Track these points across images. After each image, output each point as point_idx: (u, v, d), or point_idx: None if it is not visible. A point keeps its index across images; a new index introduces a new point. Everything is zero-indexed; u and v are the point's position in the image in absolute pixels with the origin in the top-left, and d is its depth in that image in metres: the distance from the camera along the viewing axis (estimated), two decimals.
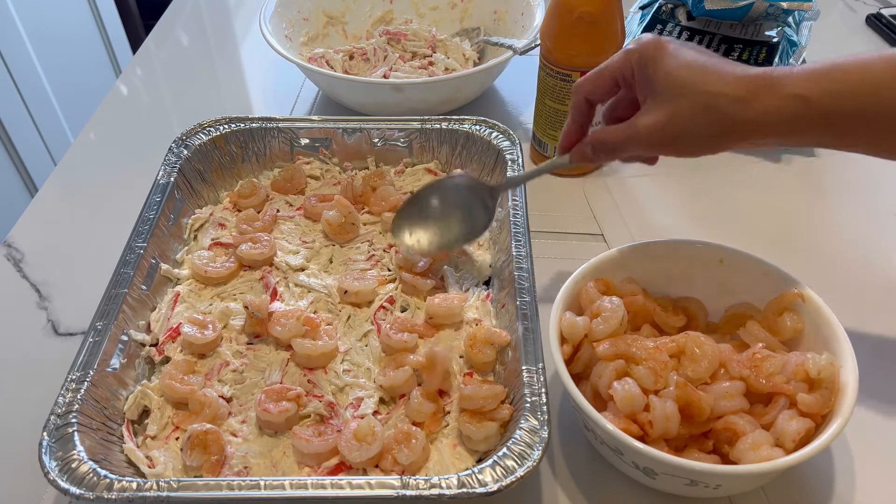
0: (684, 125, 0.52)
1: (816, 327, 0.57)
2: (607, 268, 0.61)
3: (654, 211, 0.82)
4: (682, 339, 0.55)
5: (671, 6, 0.97)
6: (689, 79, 0.51)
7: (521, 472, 0.48)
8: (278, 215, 0.76)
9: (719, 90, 0.50)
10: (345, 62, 0.99)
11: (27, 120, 1.65)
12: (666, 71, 0.52)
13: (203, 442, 0.55)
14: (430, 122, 0.80)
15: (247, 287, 0.69)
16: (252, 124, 0.80)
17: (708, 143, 0.53)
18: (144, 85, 1.08)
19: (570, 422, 0.61)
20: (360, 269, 0.71)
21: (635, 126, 0.54)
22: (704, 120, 0.52)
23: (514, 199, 0.69)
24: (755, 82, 0.50)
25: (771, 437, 0.50)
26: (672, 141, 0.53)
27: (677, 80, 0.52)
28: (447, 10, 1.09)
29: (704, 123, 0.52)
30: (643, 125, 0.53)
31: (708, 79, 0.51)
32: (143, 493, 0.48)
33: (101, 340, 0.58)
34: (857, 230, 0.79)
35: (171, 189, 0.72)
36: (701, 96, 0.51)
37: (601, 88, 0.58)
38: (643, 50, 0.54)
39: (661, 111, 0.52)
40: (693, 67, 0.51)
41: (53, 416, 0.52)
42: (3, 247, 0.79)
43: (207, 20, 1.24)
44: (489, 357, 0.60)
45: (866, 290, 0.72)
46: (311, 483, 0.48)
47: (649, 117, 0.53)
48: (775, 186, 0.85)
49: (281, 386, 0.59)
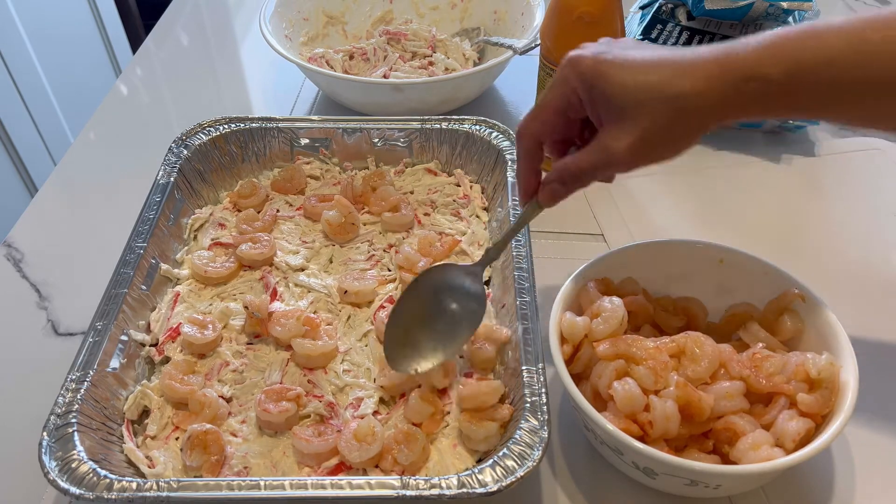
0: (660, 137, 0.49)
1: (816, 327, 0.57)
2: (607, 268, 0.61)
3: (654, 211, 0.82)
4: (682, 339, 0.55)
5: (671, 6, 0.97)
6: (648, 86, 0.48)
7: (521, 472, 0.48)
8: (278, 215, 0.76)
9: (681, 90, 0.47)
10: (345, 62, 0.99)
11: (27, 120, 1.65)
12: (621, 85, 0.48)
13: (203, 442, 0.55)
14: (430, 122, 0.80)
15: (247, 287, 0.69)
16: (252, 124, 0.80)
17: (685, 143, 0.50)
18: (144, 85, 1.08)
19: (570, 422, 0.61)
20: (360, 269, 0.71)
21: (609, 150, 0.50)
22: (678, 126, 0.49)
23: (515, 199, 0.69)
24: (710, 71, 0.47)
25: (771, 437, 0.50)
26: (649, 154, 0.51)
27: (636, 91, 0.48)
28: (447, 10, 1.09)
29: (679, 129, 0.49)
30: (619, 149, 0.50)
31: (665, 79, 0.48)
32: (143, 493, 0.48)
33: (100, 340, 0.58)
34: (857, 230, 0.79)
35: (171, 189, 0.72)
36: (667, 103, 0.48)
37: (549, 127, 0.54)
38: (583, 72, 0.50)
39: (630, 130, 0.49)
40: (647, 72, 0.48)
41: (53, 416, 0.52)
42: (3, 247, 0.79)
43: (207, 20, 1.24)
44: (489, 354, 0.60)
45: (866, 290, 0.72)
46: (311, 483, 0.48)
47: (622, 139, 0.49)
48: (775, 186, 0.85)
49: (281, 386, 0.59)
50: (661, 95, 0.48)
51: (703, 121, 0.49)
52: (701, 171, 0.87)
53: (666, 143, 0.50)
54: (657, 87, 0.48)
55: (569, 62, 0.50)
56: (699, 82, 0.47)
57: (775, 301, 0.59)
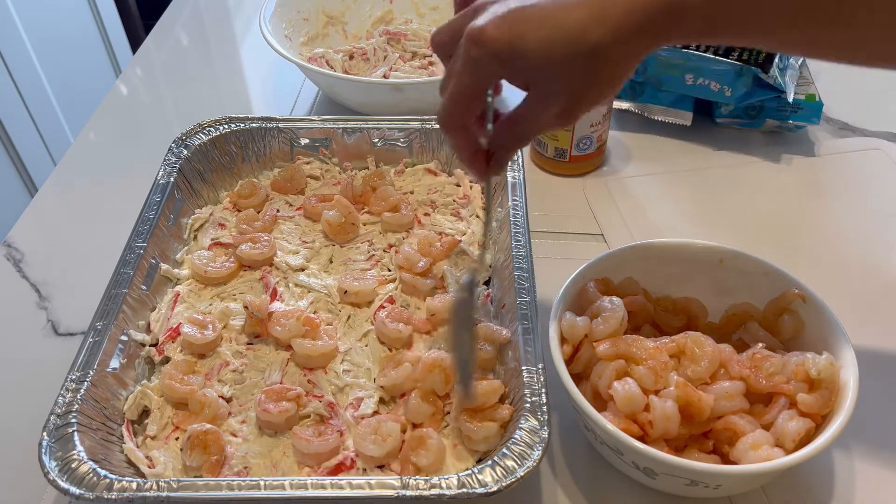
0: (587, 92, 0.47)
1: (816, 327, 0.57)
2: (607, 268, 0.61)
3: (654, 211, 0.82)
4: (682, 339, 0.55)
5: None
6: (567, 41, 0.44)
7: (521, 472, 0.48)
8: (278, 215, 0.76)
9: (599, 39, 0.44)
10: (345, 62, 0.99)
11: (27, 120, 1.65)
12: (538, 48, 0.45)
13: (203, 442, 0.55)
14: (430, 122, 0.80)
15: (247, 287, 0.69)
16: (252, 124, 0.80)
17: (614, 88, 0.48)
18: (144, 85, 1.08)
19: (570, 422, 0.61)
20: (360, 269, 0.71)
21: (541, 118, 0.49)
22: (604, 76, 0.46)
23: (515, 199, 0.69)
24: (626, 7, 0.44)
25: (771, 437, 0.50)
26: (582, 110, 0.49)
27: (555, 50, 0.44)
28: (447, 10, 1.09)
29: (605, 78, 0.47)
30: (551, 116, 0.48)
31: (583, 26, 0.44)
32: (143, 493, 0.48)
33: (100, 340, 0.58)
34: (857, 230, 0.79)
35: (170, 189, 0.72)
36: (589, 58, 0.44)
37: (472, 110, 0.51)
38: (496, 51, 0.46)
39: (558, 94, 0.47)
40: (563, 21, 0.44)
41: (53, 416, 0.52)
42: (3, 247, 0.79)
43: (207, 20, 1.24)
44: (489, 355, 0.60)
45: (866, 290, 0.72)
46: (311, 483, 0.48)
47: (551, 107, 0.47)
48: (775, 186, 0.85)
49: (281, 386, 0.59)
50: (581, 51, 0.44)
51: (625, 64, 0.47)
52: (701, 171, 0.87)
53: (595, 95, 0.48)
54: (575, 40, 0.44)
55: (475, 41, 0.46)
56: (614, 27, 0.44)
57: (775, 301, 0.59)
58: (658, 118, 0.92)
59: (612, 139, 0.91)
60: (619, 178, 0.86)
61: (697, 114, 0.91)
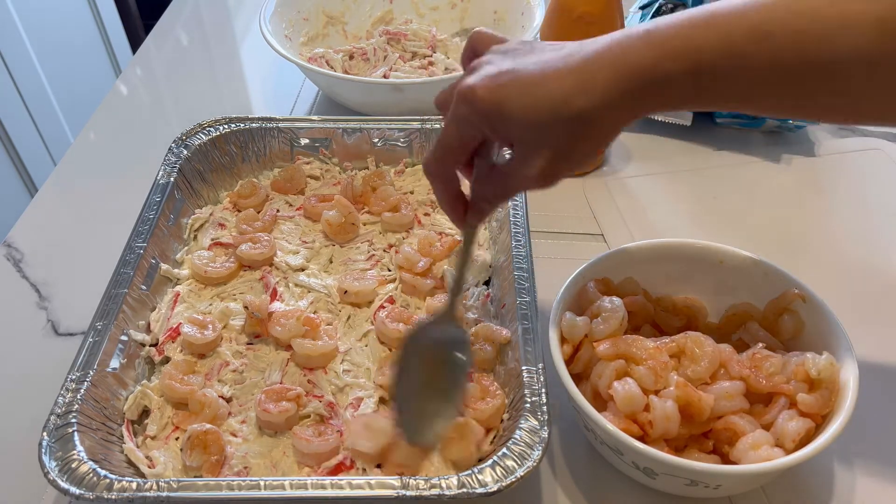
0: (568, 157, 0.48)
1: (816, 327, 0.57)
2: (607, 268, 0.61)
3: (654, 211, 0.82)
4: (682, 339, 0.55)
5: (671, 6, 0.97)
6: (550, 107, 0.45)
7: (521, 472, 0.48)
8: (278, 215, 0.76)
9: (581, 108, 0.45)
10: (345, 62, 0.99)
11: (27, 120, 1.65)
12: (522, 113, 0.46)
13: (203, 442, 0.55)
14: (430, 122, 0.80)
15: (247, 287, 0.69)
16: (252, 124, 0.80)
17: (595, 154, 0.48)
18: (144, 85, 1.08)
19: (570, 422, 0.61)
20: (360, 269, 0.71)
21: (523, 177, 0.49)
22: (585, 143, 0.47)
23: (514, 199, 0.69)
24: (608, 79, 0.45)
25: (771, 437, 0.50)
26: (563, 172, 0.49)
27: (538, 116, 0.46)
28: (447, 10, 1.09)
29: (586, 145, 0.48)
30: (532, 175, 0.49)
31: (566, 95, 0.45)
32: (143, 493, 0.48)
33: (100, 340, 0.58)
34: (857, 230, 0.79)
35: (170, 189, 0.72)
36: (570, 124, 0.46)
37: (457, 162, 0.52)
38: (482, 110, 0.47)
39: (539, 156, 0.47)
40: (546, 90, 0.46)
41: (53, 416, 0.52)
42: (3, 247, 0.79)
43: (207, 20, 1.24)
44: (489, 354, 0.60)
45: (866, 290, 0.72)
46: (311, 483, 0.48)
47: (533, 167, 0.48)
48: (775, 186, 0.85)
49: (281, 386, 0.59)
50: (564, 116, 0.45)
51: (608, 131, 0.48)
52: (701, 171, 0.87)
53: (576, 159, 0.49)
54: (559, 107, 0.45)
55: (464, 99, 0.48)
56: (599, 96, 0.45)
57: (775, 301, 0.59)
58: (658, 118, 0.92)
59: None
60: (619, 178, 0.86)
61: (697, 114, 0.91)
